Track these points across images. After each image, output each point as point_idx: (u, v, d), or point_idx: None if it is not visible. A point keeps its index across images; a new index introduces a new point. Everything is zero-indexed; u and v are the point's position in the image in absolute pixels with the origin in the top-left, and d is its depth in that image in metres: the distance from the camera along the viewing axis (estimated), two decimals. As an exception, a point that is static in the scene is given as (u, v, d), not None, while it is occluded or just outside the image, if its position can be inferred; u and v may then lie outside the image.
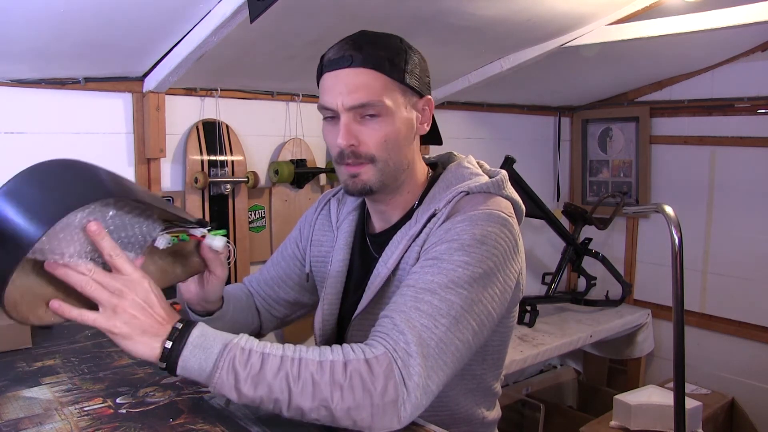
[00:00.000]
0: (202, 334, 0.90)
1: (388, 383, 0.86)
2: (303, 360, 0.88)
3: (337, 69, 1.04)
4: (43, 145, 1.80)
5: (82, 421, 1.02)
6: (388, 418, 0.86)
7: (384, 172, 1.07)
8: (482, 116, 3.02)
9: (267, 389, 0.86)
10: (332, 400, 0.85)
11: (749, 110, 2.86)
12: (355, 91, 1.02)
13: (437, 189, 1.12)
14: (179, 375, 0.89)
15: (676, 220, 1.70)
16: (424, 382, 0.89)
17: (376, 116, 1.03)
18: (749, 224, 2.91)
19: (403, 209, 1.15)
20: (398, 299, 0.97)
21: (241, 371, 0.86)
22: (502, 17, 1.93)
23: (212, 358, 0.88)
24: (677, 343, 1.70)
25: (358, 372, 0.86)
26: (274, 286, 1.34)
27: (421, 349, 0.89)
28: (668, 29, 2.10)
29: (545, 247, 3.35)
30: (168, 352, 0.88)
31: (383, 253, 1.12)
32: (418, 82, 1.07)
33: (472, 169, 1.14)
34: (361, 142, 1.05)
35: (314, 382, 0.86)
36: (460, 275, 0.96)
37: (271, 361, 0.87)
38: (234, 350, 0.88)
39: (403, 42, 1.08)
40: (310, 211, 1.34)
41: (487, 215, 1.03)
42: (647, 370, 3.26)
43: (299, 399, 0.86)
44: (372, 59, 1.02)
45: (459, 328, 0.94)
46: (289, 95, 2.30)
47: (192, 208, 2.08)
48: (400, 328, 0.91)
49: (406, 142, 1.08)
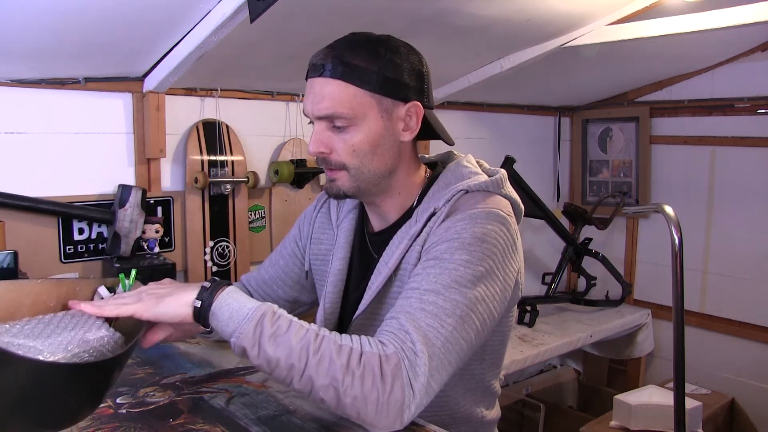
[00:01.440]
0: (236, 291, 0.96)
1: (395, 383, 0.87)
2: (326, 338, 0.90)
3: (313, 77, 1.06)
4: (43, 145, 1.80)
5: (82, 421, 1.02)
6: (392, 417, 0.87)
7: (358, 179, 1.08)
8: (482, 116, 3.02)
9: (287, 351, 0.88)
10: (342, 383, 0.86)
11: (749, 110, 2.86)
12: (322, 102, 1.03)
13: (436, 188, 1.12)
14: (210, 323, 0.94)
15: (676, 220, 1.70)
16: (427, 382, 0.89)
17: (345, 127, 1.04)
18: (749, 224, 2.90)
19: (401, 209, 1.15)
20: (403, 301, 0.97)
21: (268, 327, 0.89)
22: (502, 17, 1.93)
23: (244, 310, 0.92)
24: (677, 343, 1.70)
25: (371, 366, 0.87)
26: (272, 286, 1.34)
27: (427, 349, 0.90)
28: (668, 29, 2.09)
29: (545, 247, 3.35)
30: (201, 298, 0.94)
31: (384, 253, 1.12)
32: (398, 89, 1.05)
33: (471, 168, 1.14)
34: (333, 150, 1.06)
35: (331, 360, 0.87)
36: (462, 274, 0.96)
37: (298, 328, 0.90)
38: (266, 309, 0.92)
39: (388, 46, 1.05)
40: (309, 209, 1.34)
41: (487, 213, 1.03)
42: (647, 370, 3.26)
43: (313, 371, 0.87)
44: (341, 70, 1.02)
45: (464, 328, 0.94)
46: (289, 95, 2.30)
47: (192, 208, 2.08)
48: (406, 329, 0.91)
49: (381, 150, 1.07)
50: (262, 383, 1.22)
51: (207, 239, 2.12)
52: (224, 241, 2.16)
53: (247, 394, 1.17)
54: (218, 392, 1.17)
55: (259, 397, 1.15)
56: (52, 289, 1.04)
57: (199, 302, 0.95)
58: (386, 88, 1.04)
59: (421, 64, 1.10)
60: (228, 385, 1.21)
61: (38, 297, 1.02)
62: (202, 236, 2.11)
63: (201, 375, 1.26)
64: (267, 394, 1.17)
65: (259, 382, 1.23)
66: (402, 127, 1.08)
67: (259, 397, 1.16)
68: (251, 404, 1.12)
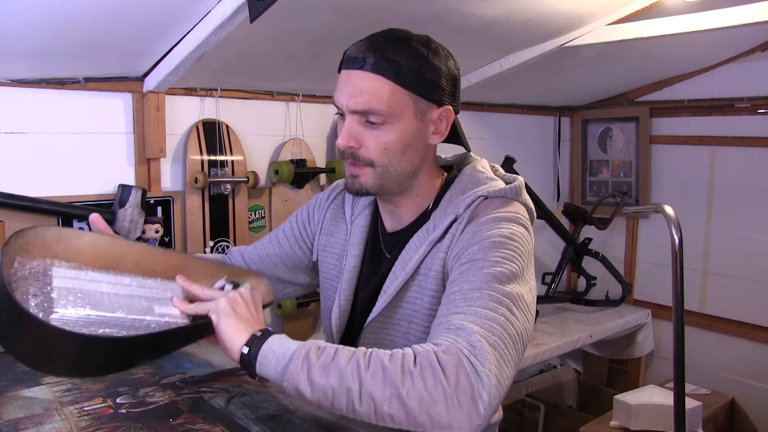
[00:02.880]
0: (281, 337, 0.95)
1: (459, 372, 0.83)
2: (374, 352, 0.88)
3: (350, 69, 1.03)
4: (43, 145, 1.80)
5: (82, 421, 1.02)
6: (466, 410, 0.82)
7: (383, 177, 1.07)
8: (482, 116, 3.02)
9: (339, 377, 0.86)
10: (403, 387, 0.83)
11: (749, 110, 2.86)
12: (360, 96, 1.01)
13: (453, 192, 1.11)
14: (257, 372, 0.93)
15: (676, 220, 1.70)
16: (496, 371, 0.85)
17: (379, 123, 1.02)
18: (749, 224, 2.90)
19: (416, 211, 1.14)
20: (448, 305, 0.95)
21: (314, 361, 0.88)
22: (502, 17, 1.93)
23: (289, 352, 0.91)
24: (677, 343, 1.70)
25: (428, 362, 0.84)
26: (269, 263, 1.33)
27: (486, 339, 0.87)
28: (668, 29, 2.09)
29: (545, 247, 3.35)
30: (249, 345, 0.94)
31: (400, 257, 1.11)
32: (435, 92, 1.04)
33: (487, 174, 1.14)
34: (362, 145, 1.04)
35: (384, 369, 0.85)
36: (500, 270, 0.96)
37: (344, 352, 0.89)
38: (310, 346, 0.91)
39: (429, 47, 1.05)
40: (323, 197, 1.32)
41: (509, 217, 1.04)
42: (647, 370, 3.26)
43: (371, 386, 0.84)
44: (383, 66, 1.00)
45: (514, 320, 0.92)
46: (289, 95, 2.30)
47: (192, 208, 2.08)
48: (457, 325, 0.89)
49: (410, 151, 1.06)
50: (262, 383, 1.22)
51: (207, 239, 2.12)
52: (224, 241, 2.16)
53: (247, 394, 1.17)
54: (218, 392, 1.17)
55: (259, 397, 1.15)
56: (160, 256, 1.10)
57: (246, 349, 0.94)
58: (424, 89, 1.03)
59: (457, 69, 1.09)
60: (228, 385, 1.21)
61: (144, 258, 1.08)
62: (202, 236, 2.11)
63: (201, 375, 1.26)
64: (267, 394, 1.17)
65: (259, 382, 1.22)
66: (432, 130, 1.07)
67: (259, 397, 1.16)
68: (251, 404, 1.12)
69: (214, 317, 0.97)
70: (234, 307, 0.98)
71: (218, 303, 0.98)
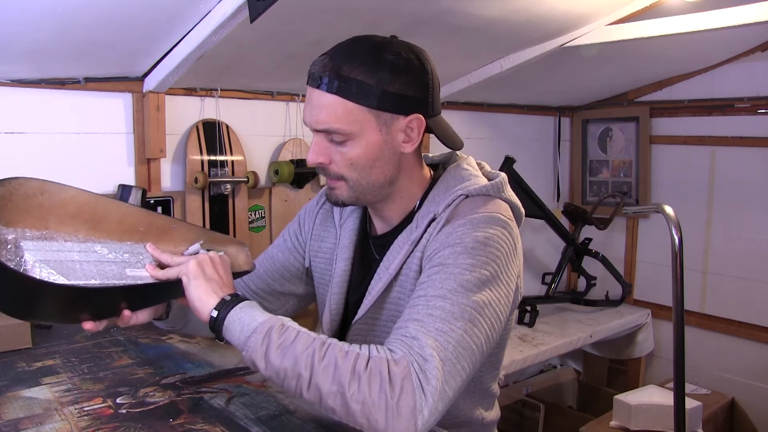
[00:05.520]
0: (251, 305, 0.98)
1: (405, 386, 0.85)
2: (332, 345, 0.89)
3: (311, 86, 1.03)
4: (43, 145, 1.80)
5: (82, 421, 1.03)
6: (404, 422, 0.84)
7: (356, 190, 1.07)
8: (482, 116, 3.02)
9: (293, 361, 0.88)
10: (348, 388, 0.85)
11: (749, 110, 2.86)
12: (319, 115, 1.01)
13: (436, 192, 1.11)
14: (223, 336, 0.96)
15: (676, 220, 1.70)
16: (441, 387, 0.87)
17: (343, 141, 1.02)
18: (749, 224, 2.91)
19: (403, 212, 1.14)
20: (410, 309, 0.95)
21: (275, 339, 0.90)
22: (501, 17, 1.93)
23: (254, 324, 0.93)
24: (677, 343, 1.70)
25: (378, 370, 0.85)
26: (268, 280, 1.33)
27: (438, 354, 0.88)
28: (668, 29, 2.09)
29: (545, 247, 3.35)
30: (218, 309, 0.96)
31: (385, 258, 1.11)
32: (397, 104, 1.01)
33: (471, 171, 1.13)
34: (332, 161, 1.05)
35: (336, 365, 0.86)
36: (468, 278, 0.95)
37: (304, 338, 0.90)
38: (275, 321, 0.93)
39: (391, 56, 1.00)
40: (312, 205, 1.32)
41: (488, 218, 1.02)
42: (647, 370, 3.26)
43: (320, 378, 0.86)
44: (337, 85, 0.98)
45: (474, 332, 0.93)
46: (289, 95, 2.30)
47: (192, 208, 2.08)
48: (414, 335, 0.90)
49: (380, 163, 1.05)
50: (262, 383, 1.22)
51: (207, 239, 2.12)
52: (224, 241, 2.16)
53: (247, 394, 1.17)
54: (218, 392, 1.17)
55: (259, 397, 1.15)
56: (145, 217, 1.11)
57: (215, 312, 0.96)
58: (385, 103, 1.00)
59: (426, 73, 1.04)
60: (228, 385, 1.21)
61: (126, 217, 1.08)
62: (202, 236, 2.11)
63: (201, 375, 1.26)
64: (267, 394, 1.17)
65: (259, 382, 1.23)
66: (402, 138, 1.05)
67: (259, 397, 1.16)
68: (251, 404, 1.12)
69: (185, 279, 1.00)
70: (203, 269, 1.01)
71: (187, 265, 1.01)
